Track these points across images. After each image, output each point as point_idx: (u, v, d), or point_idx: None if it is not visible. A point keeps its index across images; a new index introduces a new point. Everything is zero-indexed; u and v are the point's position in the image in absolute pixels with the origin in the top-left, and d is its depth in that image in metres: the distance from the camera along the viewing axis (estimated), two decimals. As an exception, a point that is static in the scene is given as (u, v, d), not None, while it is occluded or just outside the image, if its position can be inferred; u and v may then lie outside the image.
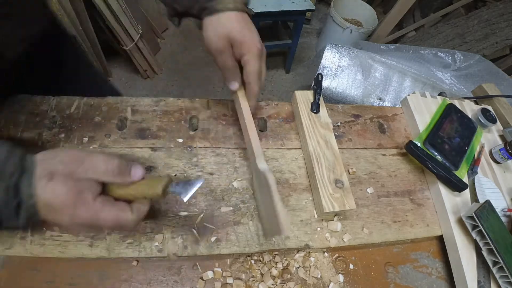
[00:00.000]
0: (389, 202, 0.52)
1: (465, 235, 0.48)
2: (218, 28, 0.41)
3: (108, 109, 0.51)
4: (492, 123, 0.61)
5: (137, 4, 1.76)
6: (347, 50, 1.36)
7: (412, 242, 0.51)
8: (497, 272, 0.44)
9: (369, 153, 0.57)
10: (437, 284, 0.48)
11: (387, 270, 0.47)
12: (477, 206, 0.46)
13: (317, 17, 2.62)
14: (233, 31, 0.40)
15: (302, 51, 2.37)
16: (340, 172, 0.49)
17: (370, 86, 1.32)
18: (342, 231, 0.47)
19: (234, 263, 0.43)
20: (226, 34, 0.40)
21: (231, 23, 0.40)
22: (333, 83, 1.34)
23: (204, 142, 0.51)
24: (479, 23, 1.79)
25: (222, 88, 1.96)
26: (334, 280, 0.44)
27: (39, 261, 0.39)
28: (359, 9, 2.24)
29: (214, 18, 0.41)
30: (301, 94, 0.57)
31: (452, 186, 0.51)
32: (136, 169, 0.34)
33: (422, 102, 0.63)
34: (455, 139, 0.56)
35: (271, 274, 0.43)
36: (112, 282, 0.40)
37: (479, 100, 0.70)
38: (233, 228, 0.44)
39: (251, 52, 0.41)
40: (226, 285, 0.41)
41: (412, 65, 1.41)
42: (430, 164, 0.51)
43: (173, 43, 2.14)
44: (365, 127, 0.60)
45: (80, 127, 0.48)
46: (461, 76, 1.44)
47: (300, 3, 1.70)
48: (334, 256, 0.47)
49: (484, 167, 0.58)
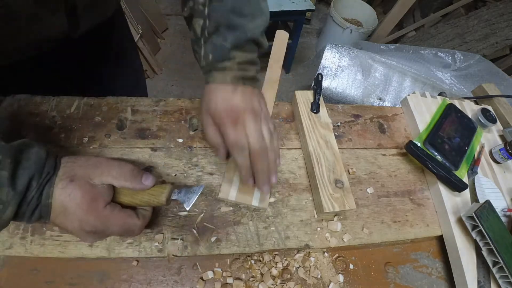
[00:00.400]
0: (389, 202, 0.52)
1: (465, 235, 0.48)
2: (201, 101, 0.41)
3: (108, 109, 0.51)
4: (492, 123, 0.61)
5: (137, 4, 1.76)
6: (347, 50, 1.36)
7: (412, 242, 0.51)
8: (497, 272, 0.44)
9: (369, 153, 0.57)
10: (437, 284, 0.48)
11: (387, 270, 0.47)
12: (477, 206, 0.46)
13: (317, 17, 2.62)
14: (208, 103, 0.39)
15: (302, 51, 2.37)
16: (340, 172, 0.49)
17: (370, 86, 1.32)
18: (342, 231, 0.47)
19: (234, 263, 0.43)
20: (205, 108, 0.40)
21: (209, 96, 0.39)
22: (333, 83, 1.34)
23: (204, 142, 0.51)
24: (479, 23, 1.79)
25: (222, 88, 1.96)
26: (334, 280, 0.44)
27: (39, 261, 0.39)
28: (359, 9, 2.24)
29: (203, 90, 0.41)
30: (301, 94, 0.57)
31: (452, 186, 0.51)
32: (148, 177, 0.35)
33: (422, 102, 0.63)
34: (455, 139, 0.56)
35: (271, 274, 0.43)
36: (112, 282, 0.40)
37: (479, 100, 0.70)
38: (233, 228, 0.44)
39: (222, 125, 0.37)
40: (226, 285, 0.41)
41: (412, 65, 1.41)
42: (430, 164, 0.51)
43: (173, 43, 2.14)
44: (365, 127, 0.60)
45: (80, 127, 0.48)
46: (461, 76, 1.44)
47: (300, 3, 1.70)
48: (334, 256, 0.47)
49: (484, 167, 0.58)
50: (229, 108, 0.37)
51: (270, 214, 0.46)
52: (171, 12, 2.27)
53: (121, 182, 0.33)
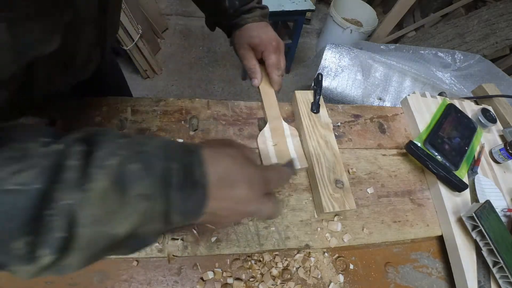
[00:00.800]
0: (389, 202, 0.52)
1: (465, 235, 0.48)
2: (240, 39, 0.54)
3: (108, 109, 0.51)
4: (492, 123, 0.61)
5: (137, 4, 1.76)
6: (347, 50, 1.36)
7: (412, 242, 0.51)
8: (497, 272, 0.44)
9: (369, 153, 0.57)
10: (437, 284, 0.48)
11: (387, 270, 0.47)
12: (477, 206, 0.46)
13: (317, 17, 2.62)
14: (251, 39, 0.52)
15: (302, 51, 2.36)
16: (340, 172, 0.49)
17: (370, 86, 1.32)
18: (342, 231, 0.47)
19: (234, 263, 0.43)
20: (247, 42, 0.53)
21: (250, 33, 0.53)
22: (333, 83, 1.34)
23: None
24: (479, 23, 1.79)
25: (222, 88, 1.96)
26: (334, 280, 0.44)
27: (39, 261, 0.39)
28: (359, 9, 2.24)
29: (237, 32, 0.54)
30: (301, 94, 0.57)
31: (452, 186, 0.51)
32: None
33: (422, 102, 0.62)
34: (455, 139, 0.56)
35: (271, 274, 0.43)
36: (112, 282, 0.40)
37: (479, 100, 0.70)
38: (233, 228, 0.44)
39: (267, 50, 0.52)
40: (226, 285, 0.41)
41: (412, 65, 1.41)
42: (430, 164, 0.51)
43: (173, 43, 2.14)
44: (365, 127, 0.60)
45: (80, 127, 0.48)
46: (461, 76, 1.44)
47: (300, 3, 1.70)
48: (334, 256, 0.47)
49: (484, 167, 0.58)
50: (271, 38, 0.52)
51: (270, 214, 0.46)
52: (171, 12, 2.27)
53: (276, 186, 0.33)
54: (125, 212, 0.22)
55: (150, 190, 0.23)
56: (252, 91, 2.00)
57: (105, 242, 0.22)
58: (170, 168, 0.24)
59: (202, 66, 2.05)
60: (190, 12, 2.30)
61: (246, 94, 1.97)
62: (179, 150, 0.26)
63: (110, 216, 0.22)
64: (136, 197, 0.22)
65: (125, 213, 0.22)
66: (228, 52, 2.16)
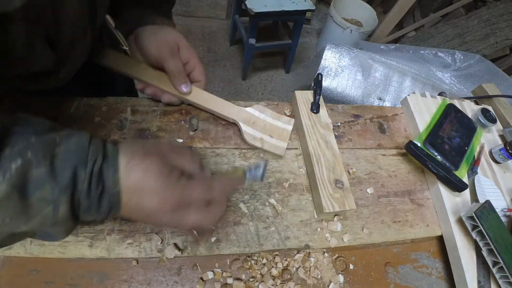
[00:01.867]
0: (389, 202, 0.52)
1: (465, 235, 0.48)
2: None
3: (108, 109, 0.51)
4: (492, 123, 0.61)
5: (137, 4, 1.76)
6: (347, 50, 1.36)
7: (412, 242, 0.51)
8: (497, 272, 0.44)
9: (369, 153, 0.57)
10: (437, 284, 0.48)
11: (387, 270, 0.47)
12: (477, 206, 0.46)
13: (317, 17, 2.62)
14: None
15: (302, 51, 2.37)
16: (340, 172, 0.49)
17: (370, 86, 1.32)
18: (342, 231, 0.47)
19: (234, 263, 0.43)
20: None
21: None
22: (333, 83, 1.34)
23: (204, 142, 0.51)
24: (479, 23, 1.79)
25: (222, 88, 1.96)
26: (334, 280, 0.44)
27: (39, 261, 0.39)
28: (359, 9, 2.24)
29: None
30: (301, 94, 0.57)
31: (452, 186, 0.51)
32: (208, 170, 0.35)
33: (422, 102, 0.63)
34: (455, 139, 0.56)
35: (271, 275, 0.43)
36: (112, 282, 0.40)
37: (479, 100, 0.70)
38: (233, 228, 0.44)
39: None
40: (226, 285, 0.41)
41: (412, 65, 1.41)
42: (430, 164, 0.51)
43: (173, 43, 2.14)
44: (365, 127, 0.60)
45: (80, 127, 0.48)
46: (461, 76, 1.44)
47: (300, 3, 1.70)
48: (334, 256, 0.47)
49: (484, 167, 0.58)
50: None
51: (270, 214, 0.46)
52: (171, 12, 2.28)
53: (192, 169, 0.32)
54: (28, 214, 0.23)
55: (52, 195, 0.24)
56: (252, 91, 2.00)
57: (9, 238, 0.24)
58: (77, 175, 0.25)
59: (202, 66, 2.05)
60: (190, 12, 2.30)
61: (246, 94, 1.97)
62: (95, 155, 0.27)
63: (13, 217, 0.23)
64: (38, 202, 0.23)
65: (28, 215, 0.24)
66: (228, 52, 2.16)
